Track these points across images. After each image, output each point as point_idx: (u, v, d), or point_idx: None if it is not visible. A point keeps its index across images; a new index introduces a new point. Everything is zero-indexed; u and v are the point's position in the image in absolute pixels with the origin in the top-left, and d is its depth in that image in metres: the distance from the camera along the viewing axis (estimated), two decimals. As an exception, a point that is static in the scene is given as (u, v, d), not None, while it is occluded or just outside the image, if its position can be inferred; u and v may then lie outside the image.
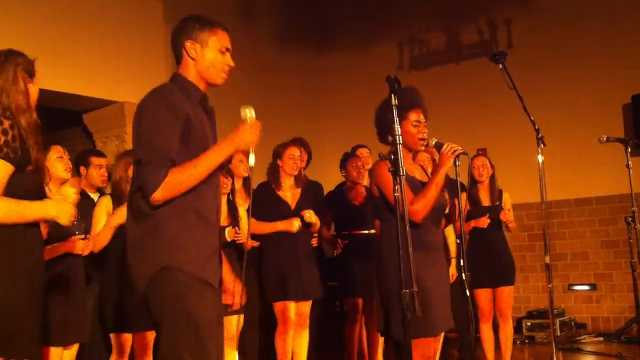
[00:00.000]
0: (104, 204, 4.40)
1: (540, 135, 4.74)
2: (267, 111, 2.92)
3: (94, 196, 5.11)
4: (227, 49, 2.82)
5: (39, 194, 2.83)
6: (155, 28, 6.74)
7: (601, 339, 7.38)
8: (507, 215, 5.49)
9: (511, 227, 5.64)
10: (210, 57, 2.78)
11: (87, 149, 6.05)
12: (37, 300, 2.75)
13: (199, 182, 2.61)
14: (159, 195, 2.55)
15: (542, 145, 4.73)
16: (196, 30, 2.77)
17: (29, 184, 2.73)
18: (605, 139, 5.10)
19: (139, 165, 2.60)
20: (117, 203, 4.34)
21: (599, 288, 7.76)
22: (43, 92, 3.01)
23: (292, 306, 5.04)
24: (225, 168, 4.48)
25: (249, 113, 2.74)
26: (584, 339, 7.39)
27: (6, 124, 2.66)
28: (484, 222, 5.46)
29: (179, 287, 2.58)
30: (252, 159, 2.72)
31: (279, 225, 5.09)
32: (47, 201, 2.83)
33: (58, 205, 2.81)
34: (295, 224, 5.06)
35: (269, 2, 8.84)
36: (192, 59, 2.77)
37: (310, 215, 5.13)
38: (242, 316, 4.83)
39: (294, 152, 5.19)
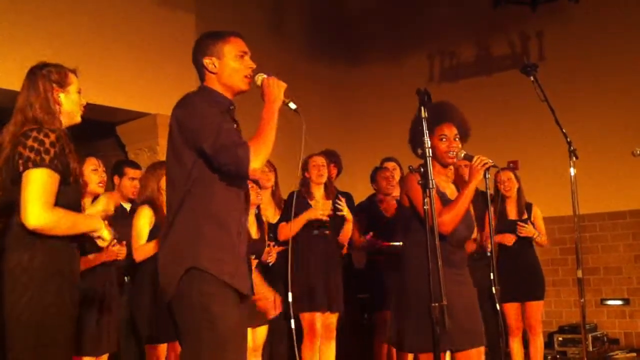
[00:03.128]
0: (146, 214, 4.43)
1: (572, 147, 4.71)
2: (293, 122, 2.97)
3: (126, 205, 5.17)
4: (245, 52, 2.88)
5: (77, 208, 2.90)
6: (188, 40, 6.75)
7: (634, 354, 7.25)
8: (527, 230, 5.44)
9: (539, 242, 5.58)
10: (228, 66, 2.84)
11: (124, 159, 6.12)
12: (73, 311, 2.80)
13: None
14: (257, 164, 2.67)
15: (574, 158, 4.69)
16: (210, 45, 2.86)
17: (70, 197, 2.80)
18: (638, 151, 5.03)
19: (216, 149, 2.64)
20: (155, 213, 4.39)
21: (633, 303, 7.64)
22: (77, 104, 3.06)
23: (318, 317, 5.03)
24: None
25: (259, 77, 2.88)
26: (617, 354, 7.26)
27: (52, 136, 2.73)
28: (509, 239, 5.43)
29: (204, 297, 2.61)
30: (292, 105, 2.87)
31: (304, 216, 5.07)
32: (94, 215, 2.92)
33: (102, 221, 2.91)
34: (323, 209, 5.02)
35: (300, 16, 8.90)
36: (213, 73, 2.85)
37: (343, 205, 5.13)
38: (266, 327, 4.84)
39: (318, 160, 5.22)
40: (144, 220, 4.40)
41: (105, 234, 2.88)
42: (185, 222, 2.69)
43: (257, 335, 4.70)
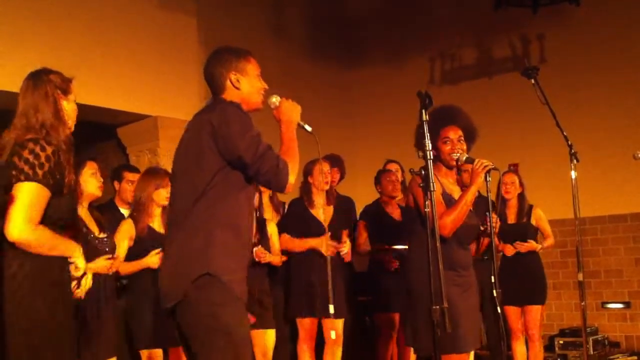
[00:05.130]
0: (126, 230, 4.40)
1: (573, 150, 4.71)
2: (301, 131, 3.00)
3: (125, 211, 5.15)
4: (260, 73, 2.97)
5: (72, 218, 2.90)
6: (189, 43, 6.82)
7: (635, 358, 7.23)
8: (527, 247, 5.45)
9: (545, 247, 5.58)
10: (251, 84, 2.92)
11: (122, 164, 6.12)
12: (66, 317, 2.79)
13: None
14: (293, 178, 2.77)
15: (575, 161, 4.69)
16: (234, 62, 2.91)
17: (64, 208, 2.79)
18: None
19: (256, 159, 2.68)
20: (137, 222, 4.36)
21: (633, 306, 7.62)
22: (78, 106, 3.06)
23: (317, 323, 5.03)
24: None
25: (275, 98, 2.99)
26: (618, 358, 7.25)
27: (49, 149, 2.72)
28: (509, 250, 5.44)
29: (214, 307, 2.61)
30: (307, 127, 3.02)
31: (311, 242, 5.06)
32: (72, 242, 2.87)
33: (79, 251, 2.88)
34: (327, 248, 5.00)
35: (300, 17, 8.90)
36: (237, 89, 2.89)
37: (346, 250, 5.14)
38: (274, 331, 4.83)
39: (324, 167, 5.19)
40: (122, 235, 4.37)
41: (79, 262, 2.87)
42: (198, 227, 2.68)
43: (266, 339, 4.70)
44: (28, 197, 2.65)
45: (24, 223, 2.63)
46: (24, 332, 2.63)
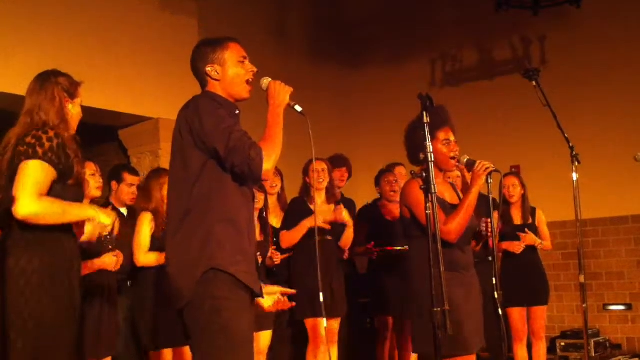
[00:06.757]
0: (148, 222, 4.42)
1: (574, 152, 4.71)
2: (298, 128, 2.97)
3: (124, 210, 5.16)
4: (244, 57, 2.90)
5: None
6: (190, 46, 6.68)
7: (637, 360, 7.25)
8: (529, 238, 5.44)
9: (543, 248, 5.59)
10: (231, 72, 2.86)
11: (122, 164, 6.11)
12: (73, 314, 2.79)
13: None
14: (269, 165, 2.67)
15: (576, 163, 4.70)
16: (210, 53, 2.87)
17: (70, 197, 2.79)
18: (641, 156, 5.02)
19: (229, 151, 2.64)
20: (155, 220, 4.38)
21: (635, 308, 7.62)
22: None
23: (322, 322, 5.02)
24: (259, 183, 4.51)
25: (266, 80, 2.90)
26: (619, 360, 7.26)
27: (51, 133, 2.75)
28: (518, 247, 5.43)
29: (216, 301, 2.61)
30: (298, 107, 2.89)
31: (306, 223, 5.04)
32: (89, 206, 2.88)
33: (96, 208, 2.87)
34: (320, 218, 4.98)
35: (301, 20, 8.90)
36: (216, 80, 2.86)
37: (341, 212, 5.12)
38: (271, 331, 4.83)
39: (317, 166, 5.18)
40: (147, 227, 4.38)
41: (103, 218, 2.82)
42: (196, 224, 2.68)
43: (261, 340, 4.70)
44: (29, 173, 2.66)
45: (29, 198, 2.62)
46: (29, 332, 2.63)
